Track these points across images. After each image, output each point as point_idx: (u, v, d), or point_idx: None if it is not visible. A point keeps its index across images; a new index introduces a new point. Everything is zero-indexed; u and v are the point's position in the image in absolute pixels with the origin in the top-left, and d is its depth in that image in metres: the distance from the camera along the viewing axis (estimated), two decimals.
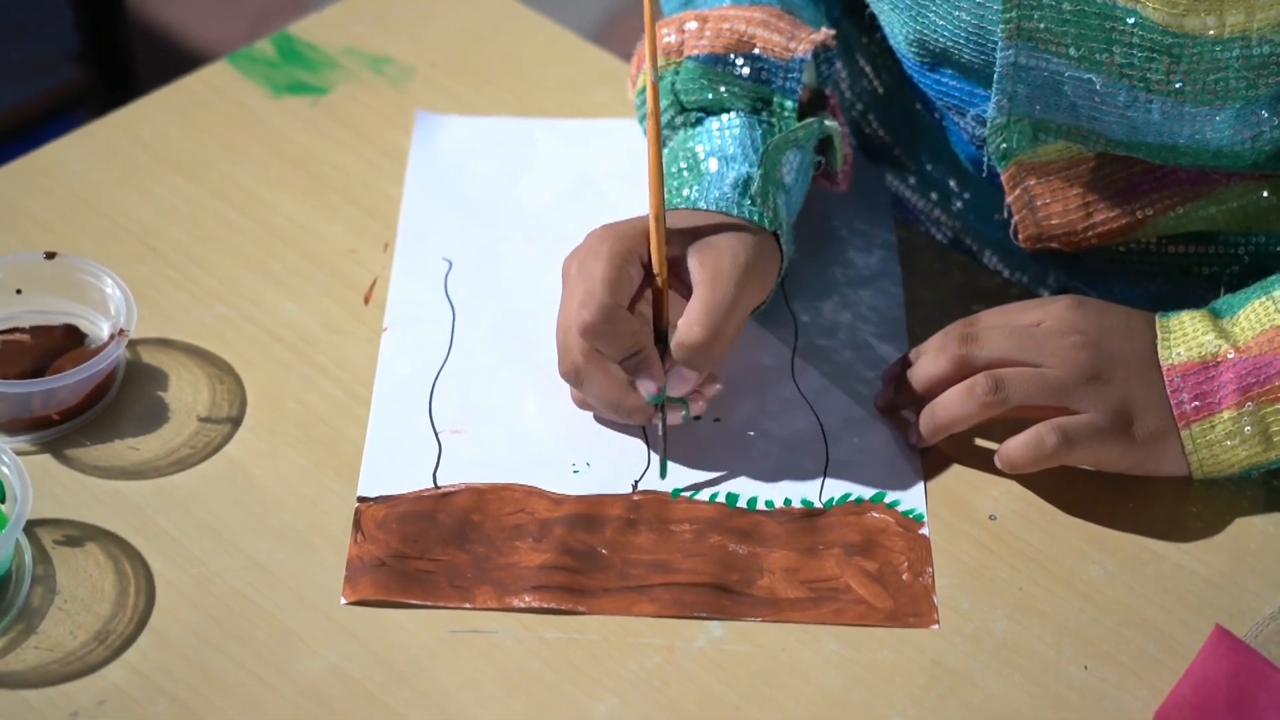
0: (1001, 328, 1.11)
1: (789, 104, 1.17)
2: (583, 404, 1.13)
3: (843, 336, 1.19)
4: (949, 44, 1.12)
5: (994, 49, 1.10)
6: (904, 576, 1.06)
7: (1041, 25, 1.07)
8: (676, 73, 1.18)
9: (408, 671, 1.01)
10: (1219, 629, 1.00)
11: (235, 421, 1.13)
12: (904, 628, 1.03)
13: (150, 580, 1.04)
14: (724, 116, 1.17)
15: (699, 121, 1.18)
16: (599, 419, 1.13)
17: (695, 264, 1.09)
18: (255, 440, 1.12)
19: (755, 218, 1.12)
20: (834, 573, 1.06)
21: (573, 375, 1.09)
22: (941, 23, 1.11)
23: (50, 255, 1.15)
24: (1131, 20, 1.05)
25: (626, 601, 1.04)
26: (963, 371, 1.10)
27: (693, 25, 1.19)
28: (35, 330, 1.14)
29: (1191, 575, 1.06)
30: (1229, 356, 1.08)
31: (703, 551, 1.06)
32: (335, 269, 1.22)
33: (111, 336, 1.12)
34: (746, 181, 1.13)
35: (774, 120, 1.17)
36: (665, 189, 1.14)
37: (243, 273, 1.21)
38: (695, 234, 1.10)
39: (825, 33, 1.18)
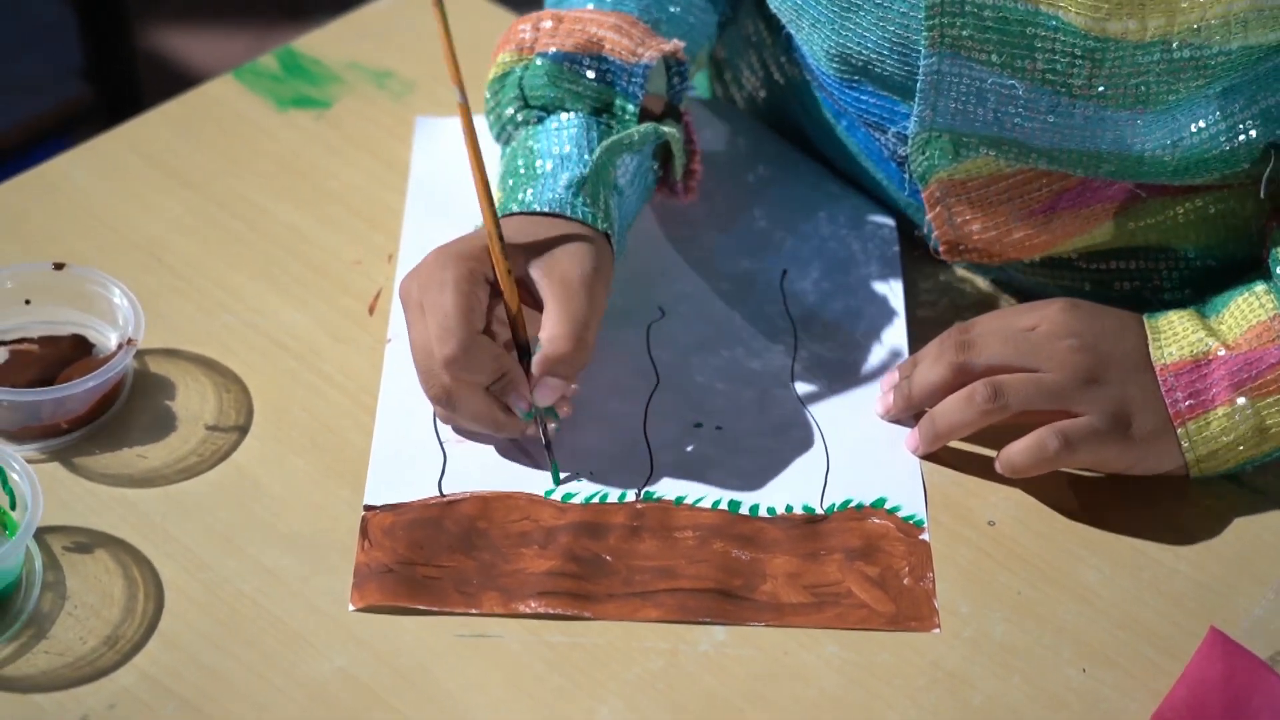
0: (998, 333, 1.12)
1: (630, 108, 1.18)
2: (449, 420, 1.13)
3: (842, 343, 1.20)
4: (872, 56, 1.12)
5: (917, 59, 1.10)
6: (905, 581, 1.07)
7: (964, 33, 1.07)
8: (526, 69, 1.19)
9: (414, 675, 1.02)
10: (1214, 631, 1.01)
11: (242, 430, 1.14)
12: (905, 631, 1.05)
13: (159, 586, 1.05)
14: (563, 116, 1.18)
15: (541, 120, 1.19)
16: (459, 430, 1.13)
17: (540, 276, 1.10)
18: (262, 448, 1.13)
19: (588, 218, 1.12)
20: (835, 578, 1.07)
21: (444, 399, 1.09)
22: (866, 34, 1.11)
23: (59, 266, 1.16)
24: (1053, 25, 1.05)
25: (631, 607, 1.05)
26: (961, 378, 1.11)
27: (548, 24, 1.20)
28: (44, 340, 1.15)
29: (1186, 579, 1.08)
30: (1220, 354, 1.09)
31: (706, 557, 1.07)
32: (340, 280, 1.23)
33: (119, 346, 1.13)
34: (580, 182, 1.14)
35: (613, 124, 1.18)
36: (503, 189, 1.15)
37: (248, 283, 1.22)
38: (534, 247, 1.11)
39: (675, 44, 1.20)
